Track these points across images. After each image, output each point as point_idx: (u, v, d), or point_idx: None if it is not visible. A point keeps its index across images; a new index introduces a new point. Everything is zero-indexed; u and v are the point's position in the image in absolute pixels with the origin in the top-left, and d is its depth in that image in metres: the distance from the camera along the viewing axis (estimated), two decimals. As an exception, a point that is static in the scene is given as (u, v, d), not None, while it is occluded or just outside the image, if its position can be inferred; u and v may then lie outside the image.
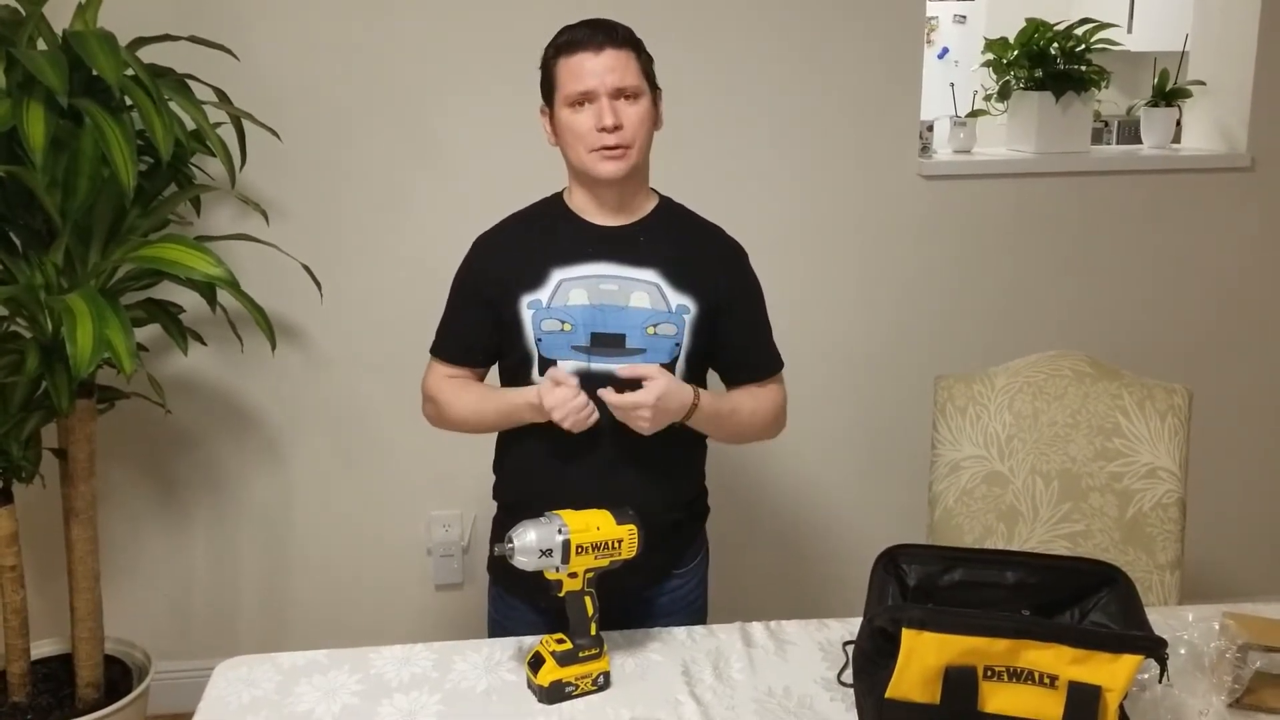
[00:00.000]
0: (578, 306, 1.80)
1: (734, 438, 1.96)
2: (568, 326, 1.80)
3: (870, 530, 3.08)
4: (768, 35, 2.86)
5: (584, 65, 1.76)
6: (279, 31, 2.68)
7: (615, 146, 1.77)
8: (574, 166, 1.84)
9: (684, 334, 1.83)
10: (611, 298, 1.81)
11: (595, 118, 1.76)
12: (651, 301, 1.82)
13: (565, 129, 1.80)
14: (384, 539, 2.99)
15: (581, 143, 1.78)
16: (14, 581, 2.42)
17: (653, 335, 1.82)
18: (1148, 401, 2.19)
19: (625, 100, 1.78)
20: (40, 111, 2.06)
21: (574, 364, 1.81)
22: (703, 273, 1.86)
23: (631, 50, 1.80)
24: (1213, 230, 3.15)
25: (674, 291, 1.83)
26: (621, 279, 1.82)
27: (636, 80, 1.80)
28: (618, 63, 1.77)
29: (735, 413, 1.89)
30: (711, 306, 1.86)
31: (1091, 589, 1.61)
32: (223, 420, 2.87)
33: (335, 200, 2.78)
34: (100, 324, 2.03)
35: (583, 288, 1.81)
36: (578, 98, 1.77)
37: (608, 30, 1.78)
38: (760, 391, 1.95)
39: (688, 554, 1.98)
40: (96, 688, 2.53)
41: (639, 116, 1.80)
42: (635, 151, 1.80)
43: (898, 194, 2.99)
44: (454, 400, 1.91)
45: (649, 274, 1.83)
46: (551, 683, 1.61)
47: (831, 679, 1.67)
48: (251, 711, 1.61)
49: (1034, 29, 3.11)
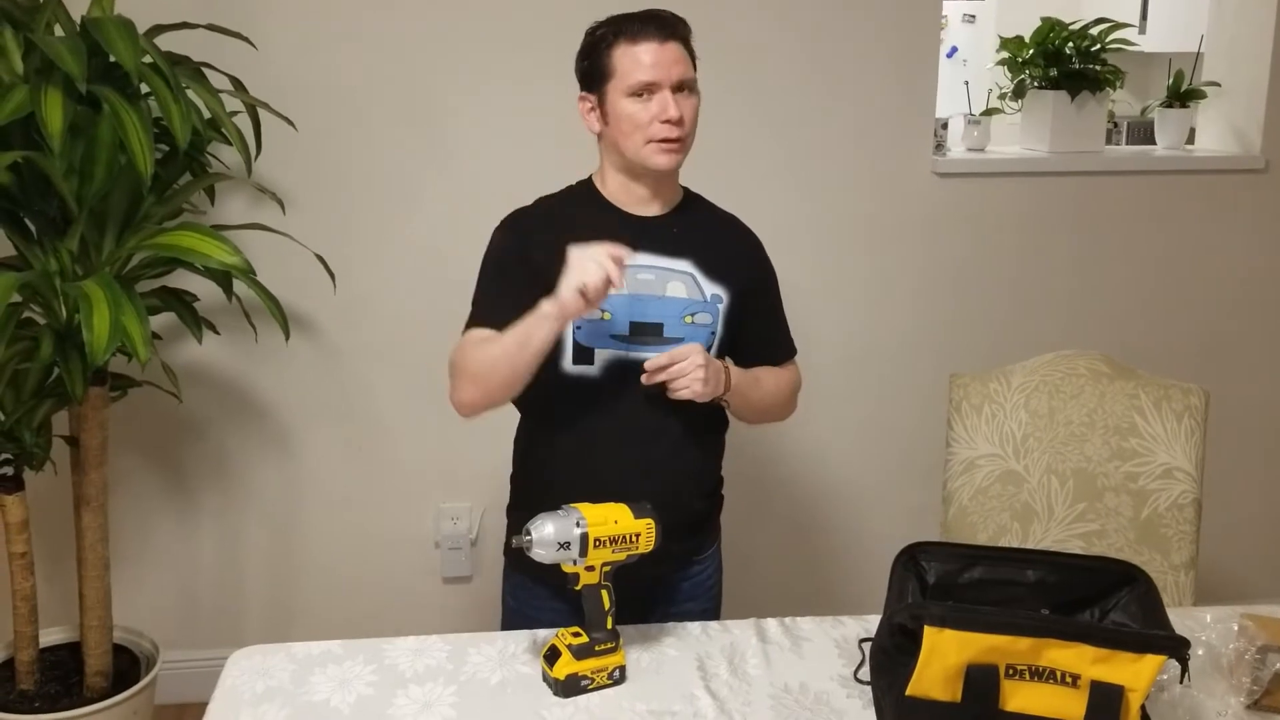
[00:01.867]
0: (617, 296, 1.78)
1: (759, 413, 1.97)
2: (606, 315, 1.80)
3: (884, 528, 3.08)
4: (782, 33, 2.85)
5: (650, 55, 1.76)
6: (296, 21, 2.68)
7: (675, 140, 1.78)
8: (624, 156, 1.82)
9: (719, 322, 1.86)
10: (649, 287, 1.83)
11: (659, 108, 1.76)
12: (687, 291, 1.84)
13: (623, 118, 1.79)
14: (392, 531, 2.98)
15: (641, 133, 1.78)
16: (24, 569, 2.41)
17: (690, 324, 1.84)
18: (1164, 402, 2.19)
19: (684, 94, 1.79)
20: (58, 98, 2.05)
21: (612, 353, 1.82)
22: (732, 261, 1.89)
23: (687, 45, 1.82)
24: (1227, 231, 3.14)
25: (708, 281, 1.85)
26: (658, 269, 1.83)
27: (693, 75, 1.81)
28: (680, 56, 1.78)
29: (759, 382, 1.92)
30: (740, 294, 1.89)
31: (1112, 588, 1.60)
32: (234, 410, 2.86)
33: (349, 190, 2.78)
34: (116, 311, 2.03)
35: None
36: (641, 88, 1.77)
37: (673, 24, 1.79)
38: (779, 370, 1.99)
39: (706, 543, 2.01)
40: (105, 676, 2.53)
41: (694, 111, 1.82)
42: (689, 143, 1.82)
43: (912, 191, 2.99)
44: (475, 355, 1.79)
45: (684, 264, 1.85)
46: (567, 676, 1.61)
47: (848, 676, 1.67)
48: (266, 700, 1.60)
49: (1049, 28, 3.10)
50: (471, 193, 2.79)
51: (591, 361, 1.82)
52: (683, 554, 1.95)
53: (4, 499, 2.35)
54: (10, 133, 2.10)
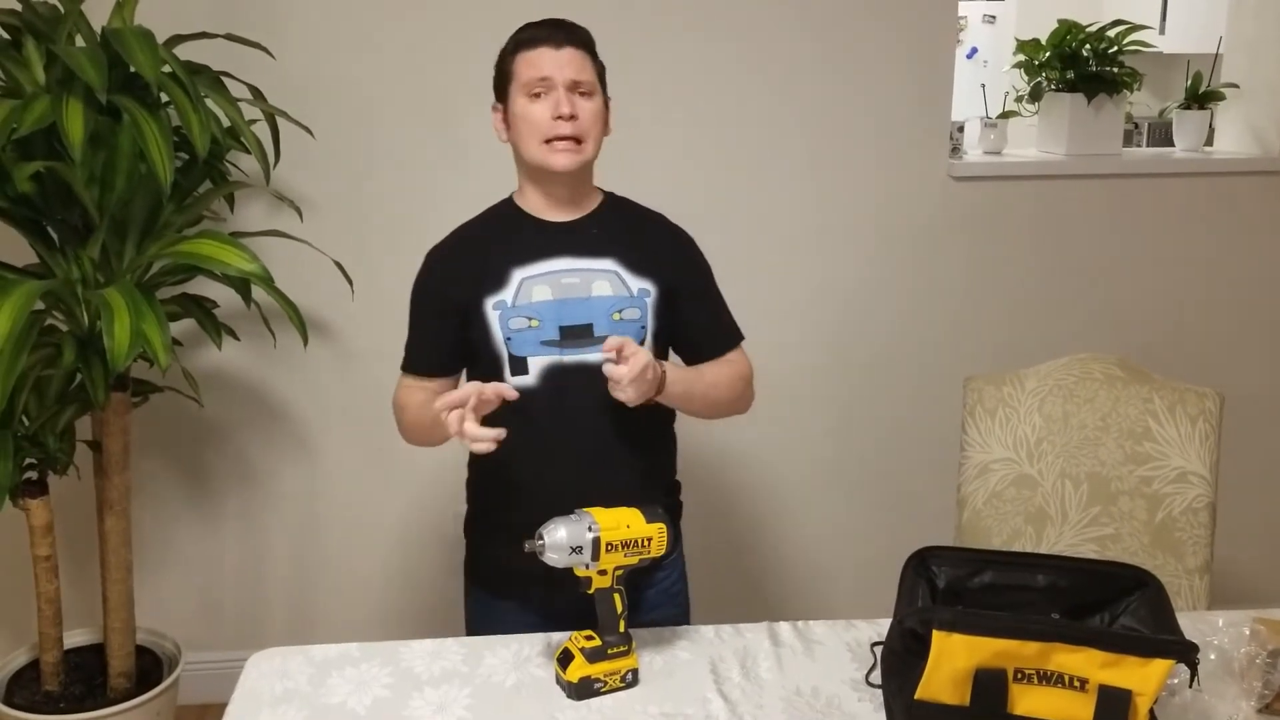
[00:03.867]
0: (542, 302, 1.84)
1: (707, 407, 1.96)
2: (535, 323, 1.83)
3: (896, 532, 3.08)
4: (798, 35, 2.86)
5: (544, 57, 1.81)
6: (313, 30, 2.70)
7: (569, 137, 1.81)
8: (527, 161, 1.87)
9: (648, 316, 1.88)
10: (574, 290, 1.85)
11: (552, 107, 1.80)
12: (613, 289, 1.86)
13: (520, 119, 1.83)
14: (412, 533, 3.00)
15: (536, 133, 1.81)
16: (48, 572, 2.44)
17: (619, 321, 1.85)
18: (1179, 405, 2.18)
19: (581, 95, 1.82)
20: (79, 108, 2.08)
21: (546, 359, 1.84)
22: (657, 256, 1.91)
23: (588, 52, 1.86)
24: (1245, 234, 3.13)
25: (633, 276, 1.87)
26: (581, 270, 1.86)
27: (591, 78, 1.85)
28: (576, 59, 1.83)
29: (702, 377, 1.92)
30: (669, 288, 1.90)
31: (1122, 593, 1.60)
32: (254, 414, 2.89)
33: (367, 197, 2.80)
34: (137, 318, 2.05)
35: (545, 283, 1.85)
36: (536, 86, 1.81)
37: (568, 29, 1.85)
38: (722, 361, 1.98)
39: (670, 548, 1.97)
40: (128, 677, 2.56)
41: (594, 111, 1.84)
42: (589, 146, 1.84)
43: (928, 195, 2.99)
44: (411, 407, 1.92)
45: (607, 263, 1.87)
46: (580, 679, 1.62)
47: (860, 679, 1.67)
48: (284, 702, 1.62)
49: (1066, 30, 3.10)
50: (488, 197, 2.79)
51: (527, 371, 1.84)
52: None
53: (28, 503, 2.38)
54: (32, 143, 2.12)
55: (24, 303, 2.03)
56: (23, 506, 2.38)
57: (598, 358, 1.81)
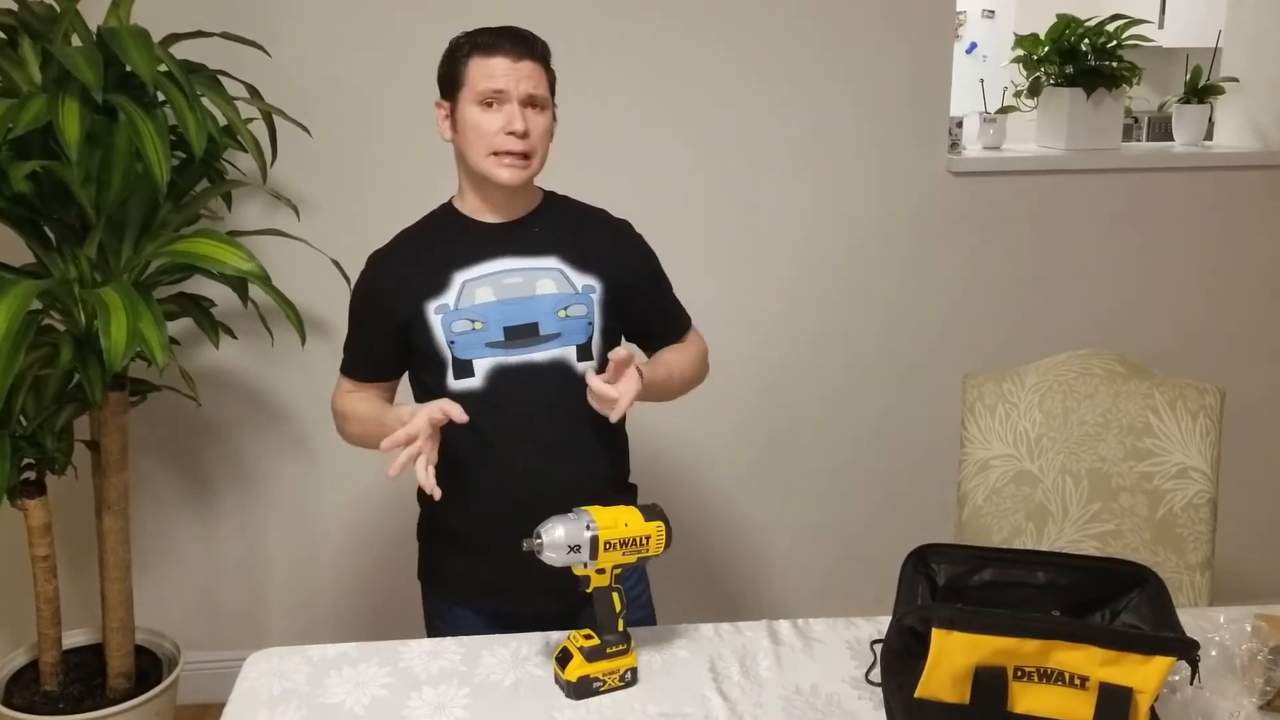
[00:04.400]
0: (485, 304, 1.83)
1: (673, 393, 1.99)
2: (479, 325, 1.83)
3: (897, 529, 3.08)
4: (796, 31, 2.85)
5: (500, 67, 1.79)
6: (310, 28, 2.70)
7: (519, 154, 1.80)
8: (471, 168, 1.85)
9: (594, 312, 1.87)
10: (518, 290, 1.84)
11: (505, 120, 1.79)
12: (557, 286, 1.85)
13: (470, 127, 1.81)
14: (410, 532, 2.99)
15: (485, 143, 1.80)
16: (46, 572, 2.44)
17: (564, 318, 1.85)
18: (1179, 401, 2.18)
19: (534, 110, 1.82)
20: (75, 107, 2.07)
21: (491, 360, 1.83)
22: (601, 251, 1.91)
23: (544, 65, 1.85)
24: (1245, 228, 3.12)
25: (577, 273, 1.87)
26: (524, 270, 1.85)
27: (545, 93, 1.84)
28: (533, 73, 1.82)
29: (671, 374, 1.94)
30: (616, 282, 1.90)
31: (1122, 590, 1.60)
32: (252, 413, 2.89)
33: (364, 195, 2.80)
34: (134, 317, 2.05)
35: (487, 285, 1.84)
36: (490, 96, 1.79)
37: (529, 42, 1.83)
38: (682, 347, 2.01)
39: None
40: (127, 677, 2.56)
41: (543, 128, 1.84)
42: (536, 161, 1.84)
43: (927, 190, 2.98)
44: (350, 414, 1.95)
45: (550, 261, 1.87)
46: (579, 678, 1.61)
47: (860, 677, 1.67)
48: (282, 702, 1.62)
49: (1065, 25, 3.09)
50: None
51: (473, 373, 1.83)
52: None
53: (26, 503, 2.38)
54: (29, 142, 2.12)
55: (21, 302, 2.03)
56: (21, 507, 2.38)
57: (544, 356, 1.83)
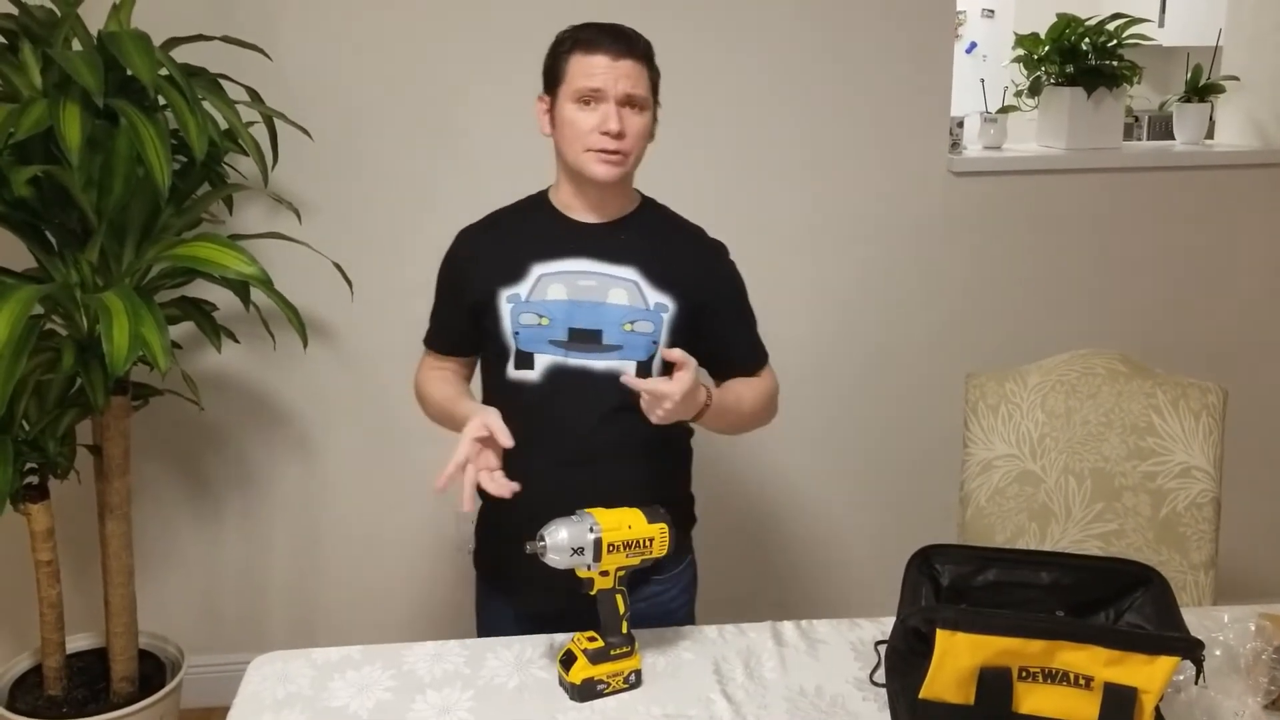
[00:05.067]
0: (556, 301, 1.82)
1: (735, 429, 1.97)
2: (545, 321, 1.82)
3: (900, 530, 3.07)
4: (796, 31, 2.85)
5: (600, 66, 1.78)
6: (311, 32, 2.70)
7: (614, 152, 1.79)
8: (566, 162, 1.85)
9: (661, 331, 1.84)
10: (590, 294, 1.82)
11: (600, 120, 1.78)
12: (629, 298, 1.83)
13: (566, 124, 1.81)
14: (413, 535, 3.00)
15: (580, 141, 1.79)
16: (50, 576, 2.44)
17: (629, 331, 1.82)
18: (1181, 400, 2.18)
19: (632, 110, 1.80)
20: (76, 111, 2.07)
21: (551, 358, 1.83)
22: (682, 271, 1.87)
23: (646, 64, 1.82)
24: (1246, 227, 3.12)
25: (652, 289, 1.84)
26: (600, 275, 1.83)
27: (645, 93, 1.82)
28: (633, 72, 1.79)
29: (739, 403, 1.90)
30: (693, 305, 1.86)
31: (1126, 589, 1.60)
32: (255, 416, 2.89)
33: (365, 198, 2.80)
34: (135, 321, 2.05)
35: (561, 283, 1.83)
36: (588, 94, 1.78)
37: (630, 40, 1.81)
38: (755, 381, 1.96)
39: (670, 561, 1.91)
40: (131, 681, 2.55)
41: (641, 128, 1.82)
42: (631, 160, 1.82)
43: (927, 190, 2.98)
44: (427, 395, 1.96)
45: (627, 271, 1.84)
46: (583, 680, 1.61)
47: (864, 679, 1.67)
48: (286, 706, 1.62)
49: (1065, 24, 3.09)
50: (487, 198, 2.79)
51: (532, 366, 1.83)
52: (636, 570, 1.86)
53: (29, 508, 2.37)
54: (30, 147, 2.12)
55: (23, 307, 2.02)
56: (24, 511, 2.37)
57: (601, 365, 1.81)
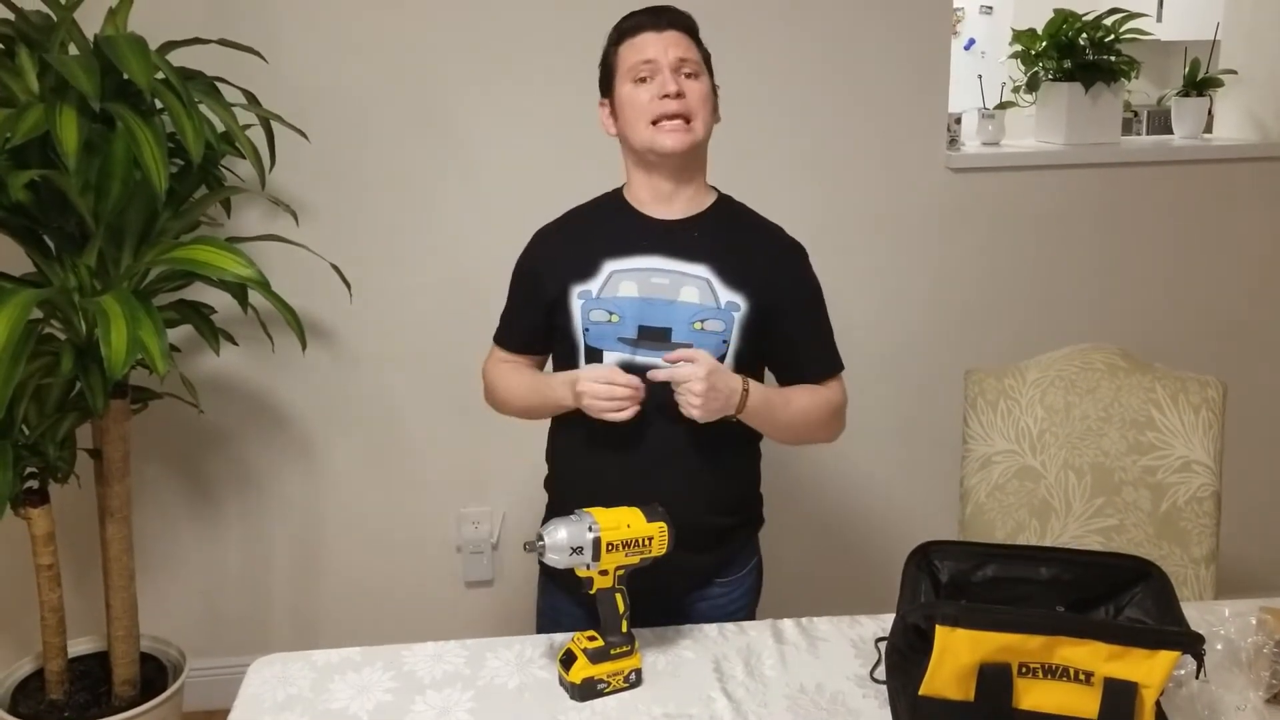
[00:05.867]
0: (627, 298, 1.80)
1: (790, 434, 1.91)
2: (615, 318, 1.80)
3: (900, 526, 3.07)
4: (793, 28, 2.85)
5: (647, 40, 1.80)
6: (307, 34, 2.70)
7: (676, 115, 1.77)
8: (635, 148, 1.83)
9: (732, 331, 1.81)
10: (661, 291, 1.80)
11: (658, 87, 1.77)
12: (701, 297, 1.80)
13: (626, 105, 1.80)
14: (414, 536, 3.00)
15: (644, 114, 1.78)
16: (50, 580, 2.44)
17: (699, 330, 1.80)
18: (1181, 395, 2.17)
19: (687, 76, 1.79)
20: (73, 116, 2.07)
21: (619, 356, 1.81)
22: (756, 271, 1.84)
23: (692, 36, 1.84)
24: (1245, 221, 3.12)
25: (724, 288, 1.81)
26: (672, 273, 1.81)
27: (697, 57, 1.82)
28: (680, 40, 1.81)
29: (789, 404, 1.85)
30: (765, 305, 1.83)
31: (1126, 584, 1.60)
32: (254, 419, 2.89)
33: (363, 200, 2.80)
34: (134, 325, 2.05)
35: (633, 280, 1.81)
36: (641, 70, 1.78)
37: (672, 13, 1.83)
38: (818, 388, 1.90)
39: (734, 563, 1.95)
40: (133, 685, 2.56)
41: (700, 92, 1.81)
42: (699, 125, 1.80)
43: (925, 187, 2.98)
44: (499, 382, 1.96)
45: (700, 269, 1.81)
46: (583, 680, 1.61)
47: (864, 676, 1.67)
48: (287, 709, 1.62)
49: (1062, 20, 3.09)
50: (485, 199, 2.81)
51: (600, 363, 1.82)
52: (696, 572, 1.89)
53: (30, 512, 2.37)
54: (27, 151, 2.12)
55: (21, 312, 2.03)
56: (24, 515, 2.37)
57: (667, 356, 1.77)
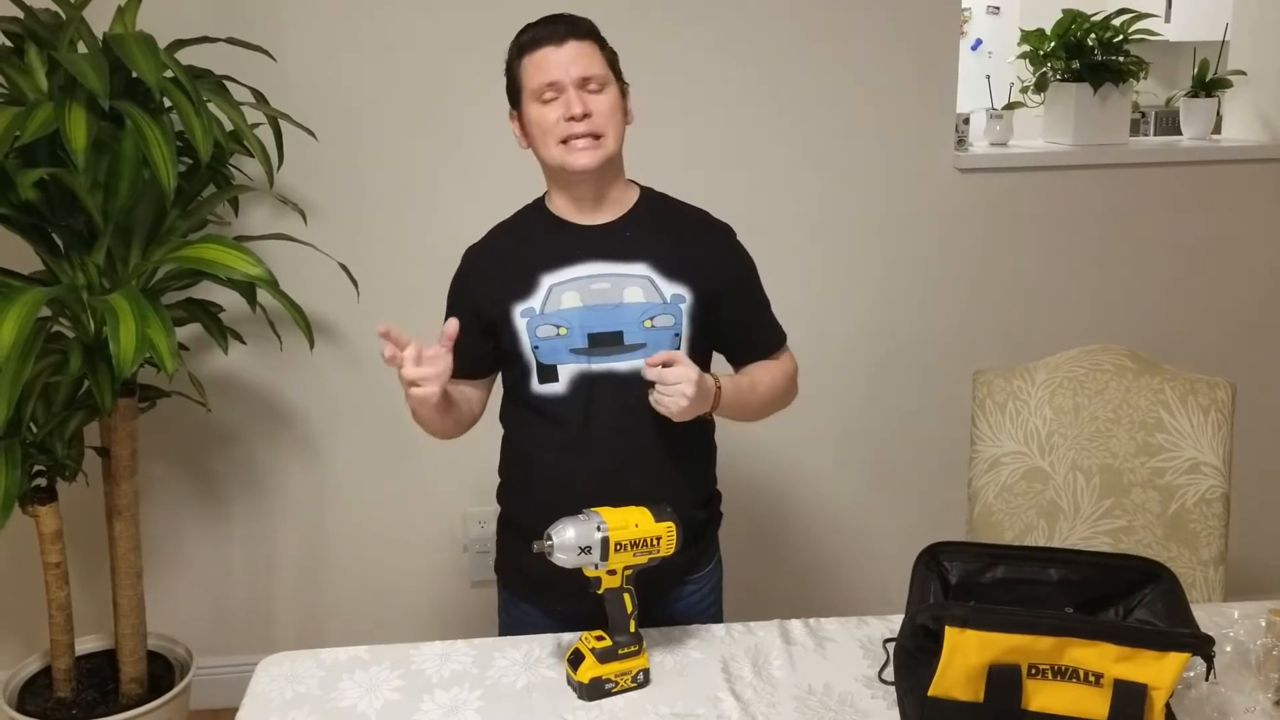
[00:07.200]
0: (571, 309, 1.79)
1: (758, 414, 1.93)
2: (563, 331, 1.79)
3: (908, 527, 3.07)
4: (800, 28, 2.85)
5: (548, 58, 1.76)
6: (315, 33, 2.70)
7: (585, 135, 1.76)
8: (548, 165, 1.82)
9: (682, 322, 1.81)
10: (604, 296, 1.79)
11: (563, 108, 1.75)
12: (645, 295, 1.80)
13: (534, 125, 1.79)
14: (420, 535, 3.00)
15: (551, 136, 1.77)
16: (58, 578, 2.45)
17: (650, 328, 1.80)
18: (1190, 396, 2.17)
19: (592, 91, 1.77)
20: (82, 114, 2.07)
21: (575, 367, 1.80)
22: (694, 259, 1.83)
23: (594, 42, 1.80)
24: (1254, 222, 3.11)
25: (667, 282, 1.81)
26: (612, 276, 1.80)
27: (602, 70, 1.79)
28: (581, 53, 1.77)
29: (755, 388, 1.88)
30: (708, 291, 1.83)
31: (1136, 586, 1.59)
32: (261, 418, 2.89)
33: (371, 199, 2.80)
34: (142, 323, 2.05)
35: (574, 290, 1.80)
36: (544, 90, 1.76)
37: (569, 23, 1.78)
38: (772, 364, 1.94)
39: (701, 560, 1.95)
40: (140, 683, 2.56)
41: (608, 105, 1.78)
42: (609, 141, 1.78)
43: (934, 187, 2.97)
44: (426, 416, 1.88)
45: (639, 268, 1.81)
46: (591, 679, 1.61)
47: (872, 676, 1.67)
48: (295, 707, 1.62)
49: (1071, 20, 3.08)
50: (492, 198, 2.78)
51: (556, 378, 1.80)
52: (672, 571, 1.85)
53: (38, 510, 2.38)
54: (36, 150, 2.12)
55: (30, 310, 2.03)
56: (32, 514, 2.38)
57: (626, 366, 1.79)
